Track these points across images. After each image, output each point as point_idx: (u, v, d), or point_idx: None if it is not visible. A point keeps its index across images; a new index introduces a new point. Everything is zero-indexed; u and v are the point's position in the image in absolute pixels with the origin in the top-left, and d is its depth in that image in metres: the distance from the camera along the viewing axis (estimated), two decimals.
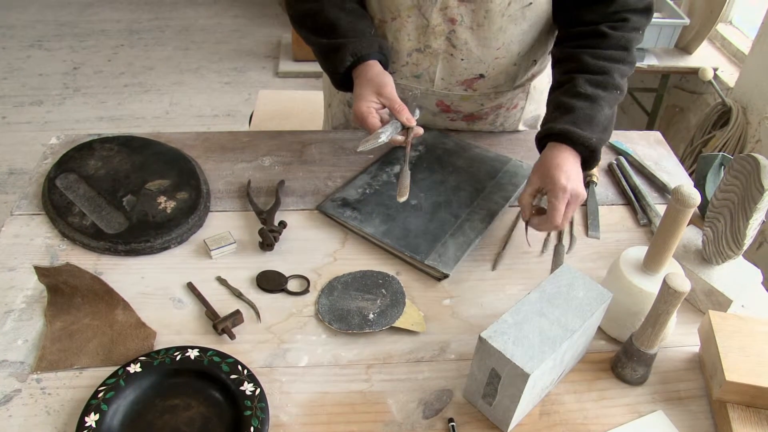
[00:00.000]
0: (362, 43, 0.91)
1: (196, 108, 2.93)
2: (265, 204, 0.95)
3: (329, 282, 0.82)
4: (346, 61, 0.91)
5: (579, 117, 0.88)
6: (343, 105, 1.19)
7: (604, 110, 0.89)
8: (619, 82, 0.91)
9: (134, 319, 0.76)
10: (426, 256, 0.84)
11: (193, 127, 2.78)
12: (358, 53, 0.91)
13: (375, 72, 0.90)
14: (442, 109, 1.08)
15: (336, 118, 1.22)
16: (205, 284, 0.82)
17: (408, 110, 0.88)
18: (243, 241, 0.88)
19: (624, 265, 0.76)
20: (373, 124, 0.88)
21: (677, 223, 0.70)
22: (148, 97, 2.99)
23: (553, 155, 0.85)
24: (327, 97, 1.26)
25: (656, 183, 1.05)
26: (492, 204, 0.94)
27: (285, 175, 1.01)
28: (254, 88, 3.08)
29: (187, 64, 3.26)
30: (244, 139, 1.09)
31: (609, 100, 0.90)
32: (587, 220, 0.97)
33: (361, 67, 0.92)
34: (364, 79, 0.90)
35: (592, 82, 0.91)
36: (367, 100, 0.88)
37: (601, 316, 0.72)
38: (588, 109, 0.89)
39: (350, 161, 1.05)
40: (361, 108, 0.88)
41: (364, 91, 0.89)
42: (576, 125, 0.87)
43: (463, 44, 0.97)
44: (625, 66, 0.93)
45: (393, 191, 0.95)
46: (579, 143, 0.86)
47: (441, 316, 0.80)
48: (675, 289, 0.64)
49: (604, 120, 0.89)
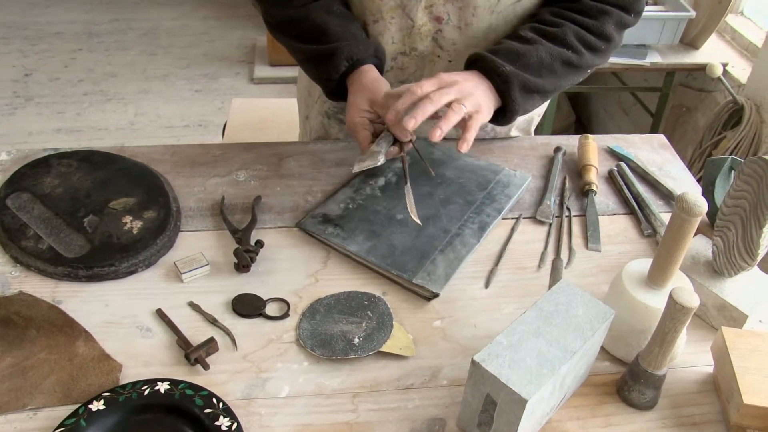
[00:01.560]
0: (357, 46, 0.92)
1: (164, 118, 2.94)
2: (241, 222, 0.96)
3: (311, 305, 0.83)
4: (341, 66, 0.92)
5: (502, 48, 0.90)
6: (321, 116, 1.20)
7: (538, 53, 0.90)
8: (573, 42, 0.92)
9: (97, 351, 0.76)
10: (414, 275, 0.86)
11: (161, 140, 2.79)
12: (354, 57, 0.92)
13: (370, 78, 0.92)
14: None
15: (314, 132, 1.23)
16: (175, 310, 0.83)
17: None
18: (217, 263, 0.89)
19: (627, 279, 0.77)
20: (364, 137, 0.89)
21: (683, 234, 0.71)
22: (111, 106, 2.99)
23: (463, 73, 0.87)
24: (303, 109, 1.28)
25: (661, 190, 1.07)
26: (484, 217, 0.96)
27: (261, 190, 1.02)
28: (227, 95, 3.09)
29: (153, 70, 3.27)
30: (217, 151, 1.10)
31: (550, 49, 0.91)
32: (587, 231, 0.99)
33: (357, 72, 0.93)
34: (358, 86, 0.92)
35: (536, 29, 0.93)
36: (360, 109, 0.90)
37: (604, 335, 0.74)
38: (517, 46, 0.90)
39: (331, 174, 1.06)
40: (354, 118, 0.90)
41: (357, 99, 0.91)
42: (495, 54, 0.88)
43: (451, 45, 0.99)
44: (588, 34, 0.93)
45: (377, 205, 0.97)
46: (490, 69, 0.87)
47: (431, 338, 0.81)
48: (682, 305, 0.65)
49: (536, 62, 0.89)
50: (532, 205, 1.03)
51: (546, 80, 0.93)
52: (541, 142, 1.18)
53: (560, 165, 1.11)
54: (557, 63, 0.93)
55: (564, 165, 1.12)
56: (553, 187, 1.05)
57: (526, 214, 1.01)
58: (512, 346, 0.66)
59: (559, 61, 0.93)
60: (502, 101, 0.91)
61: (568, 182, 1.08)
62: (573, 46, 0.93)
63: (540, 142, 1.18)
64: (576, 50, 0.93)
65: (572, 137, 1.19)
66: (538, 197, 1.05)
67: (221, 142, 1.32)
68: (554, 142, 1.17)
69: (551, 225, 0.99)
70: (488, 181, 1.03)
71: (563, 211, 1.02)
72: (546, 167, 1.12)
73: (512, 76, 0.88)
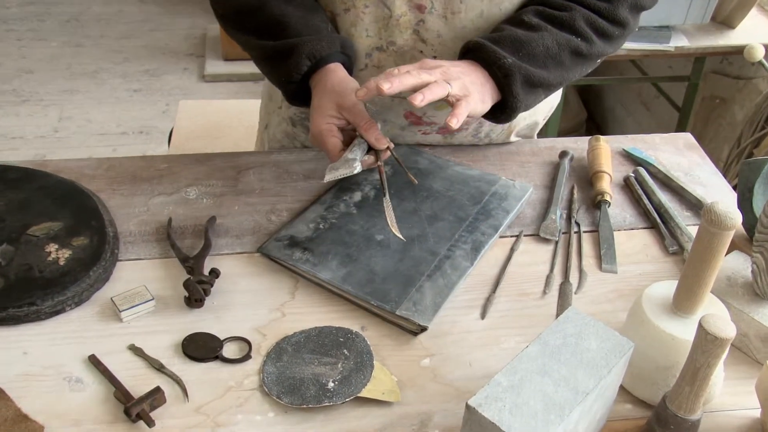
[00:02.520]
0: (320, 42, 0.94)
1: (96, 124, 2.93)
2: (192, 248, 0.97)
3: (276, 344, 0.84)
4: (302, 65, 0.94)
5: (504, 36, 0.93)
6: (285, 123, 1.21)
7: (543, 41, 0.93)
8: (583, 28, 0.96)
9: (12, 411, 0.75)
10: (397, 306, 0.87)
11: (93, 150, 2.78)
12: (317, 55, 0.94)
13: (337, 79, 0.94)
14: (413, 121, 1.13)
15: (276, 141, 1.24)
16: (113, 356, 0.83)
17: (378, 129, 0.92)
18: (163, 297, 0.90)
19: (649, 305, 0.79)
20: (333, 145, 0.91)
21: (712, 250, 0.72)
22: (28, 109, 2.96)
23: (460, 64, 0.90)
24: (263, 117, 1.29)
25: (688, 199, 1.10)
26: (478, 236, 0.98)
27: (216, 209, 1.04)
28: (173, 96, 3.10)
29: (80, 65, 3.26)
30: (162, 164, 1.11)
31: (558, 36, 0.94)
32: (600, 250, 1.01)
33: (321, 72, 0.95)
34: (323, 88, 0.93)
35: (542, 13, 0.96)
36: (326, 114, 0.91)
37: (623, 372, 0.75)
38: (521, 33, 0.93)
39: (298, 189, 1.08)
40: (319, 125, 0.91)
41: (323, 103, 0.92)
42: (496, 43, 0.92)
43: (435, 37, 1.01)
44: (600, 19, 0.97)
45: (353, 224, 0.99)
46: (490, 60, 0.91)
47: (419, 380, 0.82)
48: (715, 335, 0.65)
49: (541, 52, 0.93)
50: (534, 220, 1.06)
51: (552, 72, 0.96)
52: (545, 146, 1.20)
53: (567, 172, 1.13)
54: (565, 53, 0.96)
55: (571, 172, 1.15)
56: (559, 198, 1.08)
57: (527, 231, 1.03)
58: (514, 387, 0.67)
59: (567, 50, 0.96)
60: (502, 96, 0.94)
61: (577, 192, 1.10)
62: (583, 33, 0.96)
63: (543, 146, 1.20)
64: (586, 38, 0.97)
65: (581, 139, 1.22)
66: (542, 211, 1.07)
67: (167, 153, 1.33)
68: (559, 146, 1.20)
69: (557, 243, 1.01)
70: (482, 193, 1.05)
71: (571, 227, 1.04)
72: (550, 175, 1.14)
73: (514, 68, 0.91)
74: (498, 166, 1.15)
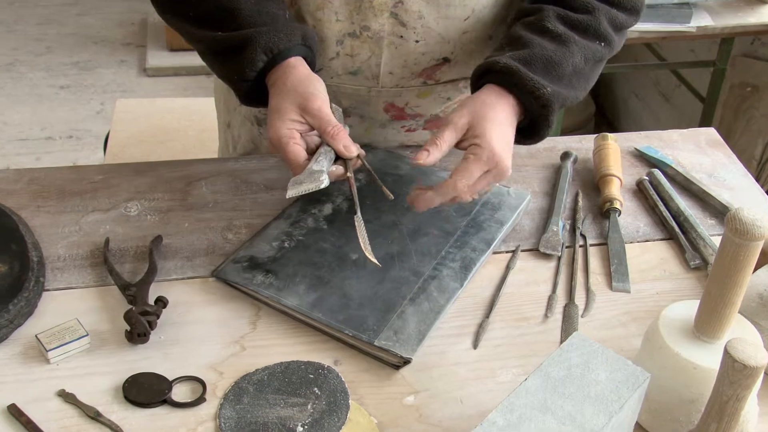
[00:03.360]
0: (278, 33, 0.95)
1: (14, 127, 2.91)
2: (134, 273, 0.97)
3: (236, 383, 0.85)
4: (257, 61, 0.94)
5: (536, 56, 0.96)
6: (249, 123, 1.22)
7: (574, 58, 0.97)
8: (606, 30, 1.00)
9: None
10: (376, 335, 0.88)
11: (12, 160, 2.76)
12: (274, 48, 0.94)
13: (298, 76, 0.94)
14: (394, 115, 1.14)
15: (241, 144, 1.25)
16: (39, 405, 0.82)
17: (347, 135, 0.93)
18: (100, 332, 0.90)
19: (667, 329, 0.79)
20: (296, 154, 0.91)
21: (738, 264, 0.73)
22: None
23: (489, 102, 0.93)
24: (223, 114, 1.29)
25: (712, 205, 1.11)
26: (468, 252, 0.99)
27: (162, 228, 1.04)
28: (109, 94, 3.07)
29: None
30: (97, 176, 1.11)
31: (585, 49, 0.98)
32: (609, 265, 1.02)
33: (279, 69, 0.96)
34: (283, 88, 0.94)
35: (566, 19, 0.99)
36: (287, 118, 0.92)
37: (638, 407, 0.76)
38: (551, 50, 0.96)
39: (259, 202, 1.08)
40: (279, 131, 0.92)
41: (283, 105, 0.93)
42: (528, 66, 0.94)
43: (417, 20, 1.03)
44: (620, 11, 1.02)
45: (323, 242, 1.00)
46: (526, 90, 0.94)
47: (403, 421, 0.83)
48: (744, 363, 0.65)
49: (570, 71, 0.97)
50: (533, 232, 1.07)
51: (578, 90, 1.01)
52: (544, 147, 1.21)
53: (570, 177, 1.15)
54: (590, 65, 1.01)
55: (575, 176, 1.16)
56: (562, 207, 1.09)
57: (525, 246, 1.05)
58: (511, 426, 0.68)
59: (592, 62, 1.01)
60: (535, 125, 0.99)
61: (582, 200, 1.12)
62: (606, 36, 1.01)
63: (542, 147, 1.21)
64: (608, 40, 1.02)
65: (585, 138, 1.24)
66: (541, 222, 1.09)
67: (102, 162, 1.33)
68: (561, 146, 1.22)
69: (560, 259, 1.03)
70: (473, 203, 1.05)
71: (576, 240, 1.06)
72: (551, 180, 1.16)
73: (553, 98, 0.95)
74: None
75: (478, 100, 0.95)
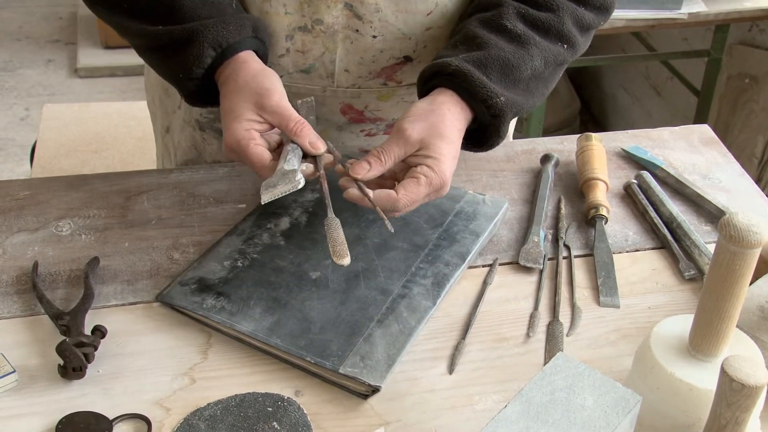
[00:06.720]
0: (226, 26, 0.95)
1: None
2: (67, 301, 0.96)
3: (185, 420, 0.84)
4: (205, 57, 0.94)
5: (492, 58, 0.96)
6: (191, 127, 1.22)
7: (533, 61, 0.98)
8: (570, 31, 1.01)
9: None
10: (341, 362, 0.88)
11: None
12: (223, 42, 0.94)
13: (251, 72, 0.94)
14: (352, 118, 1.15)
15: (182, 151, 1.24)
16: None
17: (312, 129, 0.93)
18: (29, 368, 0.89)
19: (659, 347, 0.80)
20: (259, 156, 0.91)
21: (734, 274, 0.73)
22: None
23: (442, 113, 0.94)
24: (160, 117, 1.29)
25: (707, 209, 1.12)
26: (441, 266, 0.99)
27: (99, 248, 1.03)
28: (35, 98, 3.05)
29: None
30: (22, 192, 1.10)
31: (546, 51, 0.99)
32: (596, 278, 1.03)
33: (230, 65, 0.96)
34: (235, 86, 0.94)
35: (527, 17, 1.00)
36: (243, 119, 0.91)
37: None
38: (509, 51, 0.97)
39: (208, 217, 1.08)
40: (236, 133, 0.91)
41: (237, 104, 0.92)
42: (483, 69, 0.95)
43: (374, 13, 1.03)
44: (587, 10, 1.03)
45: (281, 260, 0.99)
46: (478, 98, 0.94)
47: None
48: (742, 382, 0.66)
49: (528, 75, 0.98)
50: (512, 244, 1.07)
51: (535, 96, 1.02)
52: (522, 149, 1.22)
53: (551, 181, 1.15)
54: (550, 69, 1.02)
55: (557, 181, 1.17)
56: (543, 215, 1.10)
57: (503, 259, 1.05)
58: None
59: (552, 65, 1.02)
60: (485, 134, 0.99)
61: (565, 207, 1.13)
62: (569, 37, 1.02)
63: (520, 149, 1.22)
64: (571, 42, 1.03)
65: (568, 138, 1.24)
66: (521, 232, 1.09)
67: (29, 177, 1.32)
68: (541, 148, 1.22)
69: (542, 272, 1.03)
70: (444, 212, 1.06)
71: (559, 251, 1.06)
72: (530, 186, 1.16)
73: (506, 108, 0.96)
74: (464, 176, 1.16)
75: (432, 110, 0.95)
